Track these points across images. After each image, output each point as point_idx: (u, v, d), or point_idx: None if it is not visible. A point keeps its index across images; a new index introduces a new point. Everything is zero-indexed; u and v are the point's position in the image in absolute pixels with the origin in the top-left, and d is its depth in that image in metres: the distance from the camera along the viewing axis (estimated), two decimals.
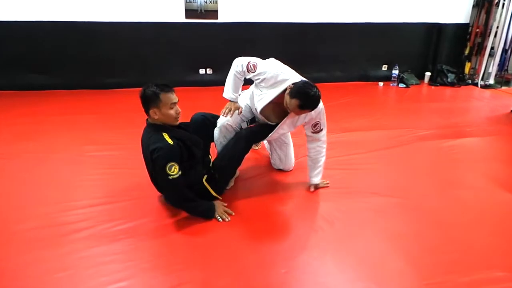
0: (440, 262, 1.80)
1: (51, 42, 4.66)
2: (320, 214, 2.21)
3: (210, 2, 4.88)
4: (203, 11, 4.90)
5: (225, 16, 5.00)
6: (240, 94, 2.39)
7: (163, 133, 1.99)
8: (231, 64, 2.33)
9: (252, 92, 2.33)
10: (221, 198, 2.28)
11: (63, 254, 1.80)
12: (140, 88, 2.04)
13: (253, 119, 2.49)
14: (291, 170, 2.72)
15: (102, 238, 1.93)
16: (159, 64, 5.03)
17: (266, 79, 2.15)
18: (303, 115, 2.18)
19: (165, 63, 5.04)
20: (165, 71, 5.08)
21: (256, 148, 3.08)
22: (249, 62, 2.21)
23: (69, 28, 4.62)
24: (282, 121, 2.25)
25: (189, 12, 4.87)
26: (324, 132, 2.33)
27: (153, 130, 2.03)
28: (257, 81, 2.23)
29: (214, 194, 2.24)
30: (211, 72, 5.25)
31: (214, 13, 4.94)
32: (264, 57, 2.34)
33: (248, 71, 2.22)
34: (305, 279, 1.69)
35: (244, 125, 2.43)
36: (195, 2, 4.84)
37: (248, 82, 2.31)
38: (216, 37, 5.07)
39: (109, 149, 3.01)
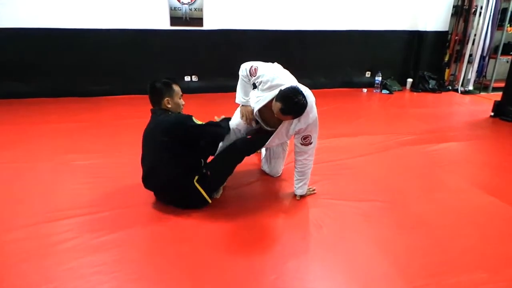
0: (426, 265, 1.83)
1: (34, 49, 4.59)
2: (308, 219, 2.22)
3: (195, 9, 4.89)
4: (188, 18, 4.91)
5: (210, 23, 5.02)
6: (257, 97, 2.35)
7: None
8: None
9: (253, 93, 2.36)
10: (210, 202, 2.26)
11: (47, 266, 1.76)
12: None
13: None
14: (278, 177, 2.73)
15: (87, 248, 1.89)
16: (144, 71, 5.00)
17: (262, 82, 2.17)
18: (294, 122, 2.18)
19: (151, 70, 5.01)
20: (150, 78, 4.97)
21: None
22: (251, 66, 2.23)
23: (53, 35, 4.56)
24: (278, 129, 2.26)
25: (174, 20, 4.87)
26: (313, 145, 2.31)
27: (162, 111, 2.17)
28: (257, 84, 2.25)
29: (205, 195, 2.23)
30: (197, 79, 5.25)
31: (199, 21, 4.95)
32: None
33: (250, 75, 2.24)
34: (295, 285, 1.69)
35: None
36: (180, 9, 4.85)
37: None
38: (201, 44, 5.08)
39: (93, 157, 2.96)
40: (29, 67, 4.64)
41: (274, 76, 2.15)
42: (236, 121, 2.41)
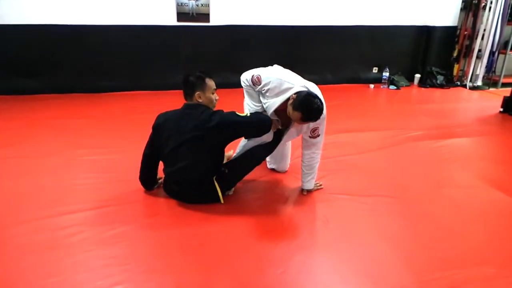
0: (434, 260, 1.83)
1: (40, 46, 4.62)
2: (315, 214, 2.23)
3: (202, 5, 4.89)
4: (194, 14, 4.91)
5: (216, 19, 5.01)
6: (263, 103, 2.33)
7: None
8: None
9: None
10: (223, 202, 2.27)
11: (58, 258, 1.78)
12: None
13: None
14: (285, 172, 2.73)
15: (97, 242, 1.91)
16: (151, 67, 5.02)
17: (270, 89, 2.16)
18: (306, 124, 2.20)
19: (157, 66, 5.03)
20: (157, 74, 5.07)
21: None
22: (253, 76, 2.22)
23: (60, 31, 4.59)
24: (289, 130, 2.29)
25: (181, 15, 4.88)
26: (320, 138, 2.32)
27: (202, 107, 2.15)
28: (263, 92, 2.23)
29: (220, 195, 2.23)
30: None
31: (205, 16, 4.95)
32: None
33: (254, 84, 2.23)
34: (302, 279, 1.70)
35: None
36: (187, 5, 4.85)
37: None
38: (208, 40, 5.08)
39: (102, 153, 2.99)
40: (36, 64, 4.67)
41: (281, 81, 2.13)
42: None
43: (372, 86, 5.73)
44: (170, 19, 4.88)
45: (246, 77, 2.27)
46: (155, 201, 2.31)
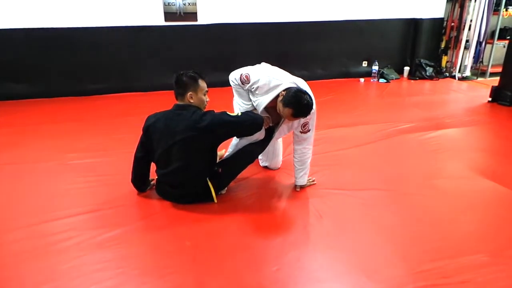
0: (428, 251, 1.84)
1: (28, 50, 4.55)
2: (308, 210, 2.23)
3: (189, 4, 4.86)
4: (182, 13, 4.87)
5: (204, 18, 4.99)
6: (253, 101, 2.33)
7: None
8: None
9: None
10: (216, 202, 2.27)
11: (51, 264, 1.76)
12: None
13: None
14: (278, 169, 2.74)
15: (89, 246, 1.89)
16: (140, 68, 4.98)
17: (259, 87, 2.16)
18: (297, 120, 2.20)
19: (146, 67, 4.99)
20: (146, 75, 5.03)
21: None
22: (241, 75, 2.22)
23: (46, 35, 4.53)
24: (279, 126, 2.30)
25: (168, 15, 4.84)
26: (311, 133, 2.33)
27: (193, 108, 2.13)
28: (252, 90, 2.23)
29: (214, 195, 2.24)
30: None
31: (193, 15, 4.92)
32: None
33: (243, 83, 2.22)
34: (297, 275, 1.70)
35: None
36: (174, 4, 4.81)
37: None
38: (197, 39, 5.05)
39: (92, 156, 2.96)
40: (24, 68, 4.61)
41: (270, 79, 2.13)
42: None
43: (362, 80, 5.75)
44: (157, 19, 4.84)
45: (234, 76, 2.26)
46: (148, 203, 2.30)
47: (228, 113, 2.11)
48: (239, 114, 2.14)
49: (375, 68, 5.68)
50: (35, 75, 4.67)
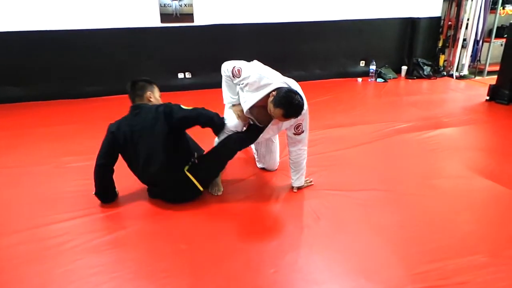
0: (426, 251, 1.83)
1: (23, 53, 4.53)
2: (306, 211, 2.22)
3: (185, 5, 4.84)
4: (178, 15, 4.86)
5: (200, 19, 4.97)
6: (240, 97, 2.32)
7: None
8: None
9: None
10: (202, 190, 2.25)
11: (46, 269, 1.75)
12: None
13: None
14: (275, 170, 2.72)
15: (85, 250, 1.88)
16: (137, 70, 4.94)
17: (249, 83, 2.13)
18: (288, 120, 2.17)
19: (143, 69, 4.96)
20: (143, 76, 4.98)
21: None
22: (234, 67, 2.20)
23: (42, 37, 4.51)
24: (268, 126, 2.26)
25: (165, 17, 4.82)
26: (305, 134, 2.31)
27: (147, 105, 2.25)
28: (241, 85, 2.21)
29: (196, 183, 2.21)
30: (190, 76, 5.21)
31: (189, 17, 4.90)
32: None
33: (233, 76, 2.21)
34: (294, 278, 1.68)
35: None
36: (170, 6, 4.80)
37: None
38: (193, 40, 5.03)
39: (88, 159, 2.88)
40: (20, 71, 4.59)
41: (260, 77, 2.11)
42: (233, 123, 2.30)
43: (360, 79, 5.74)
44: (154, 21, 4.82)
45: (227, 67, 2.24)
46: (143, 206, 2.28)
47: (182, 106, 2.19)
48: (193, 108, 2.20)
49: (373, 67, 5.67)
50: (31, 78, 4.65)
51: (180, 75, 5.19)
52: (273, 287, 1.64)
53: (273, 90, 2.07)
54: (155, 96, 2.32)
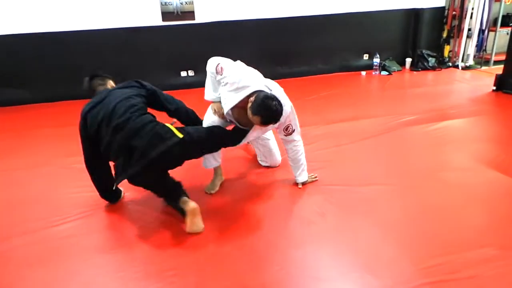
0: (433, 245, 1.80)
1: (27, 55, 4.56)
2: (311, 207, 2.20)
3: (186, 3, 4.82)
4: (179, 12, 4.84)
5: (202, 16, 4.95)
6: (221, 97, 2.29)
7: None
8: None
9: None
10: (181, 136, 1.97)
11: (52, 270, 1.76)
12: None
13: None
14: (278, 166, 2.70)
15: (91, 250, 1.88)
16: (140, 69, 4.96)
17: (229, 83, 2.10)
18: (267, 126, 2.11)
19: (146, 67, 4.97)
20: (146, 75, 4.96)
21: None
22: (218, 64, 2.18)
23: (45, 39, 4.53)
24: (251, 129, 2.21)
25: (166, 15, 4.81)
26: (296, 132, 2.28)
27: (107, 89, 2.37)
28: (222, 84, 2.18)
29: (174, 130, 1.99)
30: (193, 74, 5.20)
31: (190, 14, 4.89)
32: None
33: (217, 72, 2.19)
34: (300, 275, 1.67)
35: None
36: (171, 4, 4.78)
37: None
38: (195, 38, 5.02)
39: None
40: (23, 73, 4.61)
41: (240, 78, 2.06)
42: (210, 119, 2.30)
43: (363, 73, 5.69)
44: (155, 19, 4.81)
45: (212, 63, 2.24)
46: (149, 205, 2.28)
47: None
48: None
49: (377, 60, 5.60)
50: (34, 80, 4.67)
51: (183, 73, 5.18)
52: (278, 285, 1.63)
53: (251, 94, 2.00)
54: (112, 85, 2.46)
